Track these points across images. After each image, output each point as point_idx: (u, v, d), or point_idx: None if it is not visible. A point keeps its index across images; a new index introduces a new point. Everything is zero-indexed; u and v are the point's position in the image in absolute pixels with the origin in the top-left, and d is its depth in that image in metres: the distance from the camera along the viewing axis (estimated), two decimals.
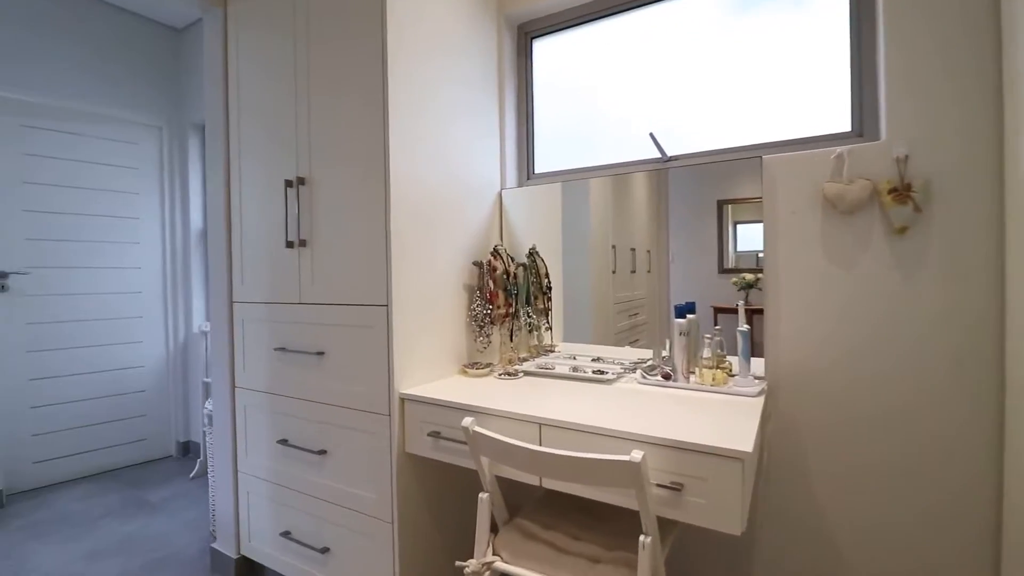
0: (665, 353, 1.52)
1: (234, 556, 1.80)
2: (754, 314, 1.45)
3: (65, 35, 2.65)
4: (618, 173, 1.73)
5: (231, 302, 1.79)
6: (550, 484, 1.13)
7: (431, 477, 1.49)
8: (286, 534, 1.63)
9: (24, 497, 2.49)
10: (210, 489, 1.98)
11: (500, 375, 1.54)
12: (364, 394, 1.43)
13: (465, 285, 1.65)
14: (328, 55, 1.48)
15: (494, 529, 1.21)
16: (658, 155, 1.67)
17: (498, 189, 1.85)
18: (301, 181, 1.54)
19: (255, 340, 1.71)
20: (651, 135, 1.66)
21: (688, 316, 1.43)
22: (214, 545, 1.88)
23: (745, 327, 1.36)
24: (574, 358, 1.71)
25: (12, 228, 2.50)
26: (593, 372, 1.50)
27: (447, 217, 1.59)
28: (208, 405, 1.89)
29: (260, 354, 1.69)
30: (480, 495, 1.17)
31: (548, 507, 1.30)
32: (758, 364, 1.43)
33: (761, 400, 1.26)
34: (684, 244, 1.64)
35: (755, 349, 1.42)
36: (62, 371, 2.69)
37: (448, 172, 1.59)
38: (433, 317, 1.52)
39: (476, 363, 1.62)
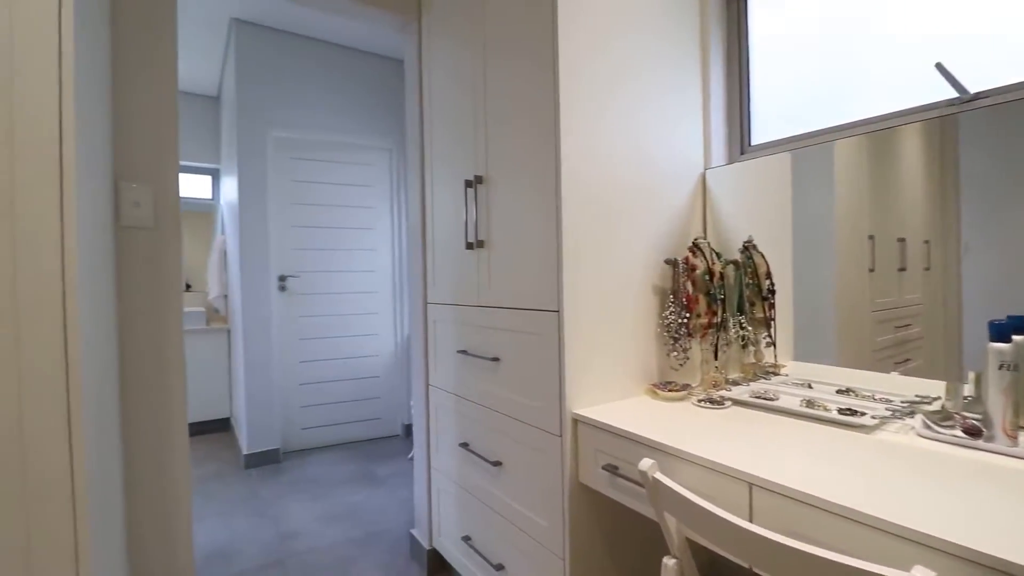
0: (968, 392, 1.00)
1: (427, 547, 1.87)
2: None
3: (319, 80, 3.22)
4: (879, 129, 1.22)
5: (425, 303, 1.86)
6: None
7: (610, 516, 1.27)
8: (467, 539, 1.61)
9: (293, 456, 3.11)
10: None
11: (699, 401, 1.23)
12: (535, 408, 1.29)
13: (655, 287, 1.38)
14: (502, 41, 1.38)
15: None
16: (949, 95, 1.13)
17: (700, 170, 1.52)
18: (479, 180, 1.48)
19: (444, 340, 1.74)
20: (939, 66, 1.13)
21: (1015, 338, 0.90)
22: (412, 531, 1.99)
23: None
24: (809, 386, 1.28)
25: (286, 240, 3.15)
26: (839, 411, 1.07)
27: (633, 208, 1.34)
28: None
29: (447, 355, 1.71)
30: (665, 560, 0.91)
31: None
32: None
33: None
34: (984, 230, 1.08)
35: None
36: (320, 356, 3.28)
37: (634, 152, 1.34)
38: (614, 325, 1.29)
39: (669, 383, 1.33)
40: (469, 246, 1.52)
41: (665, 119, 1.42)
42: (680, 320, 1.32)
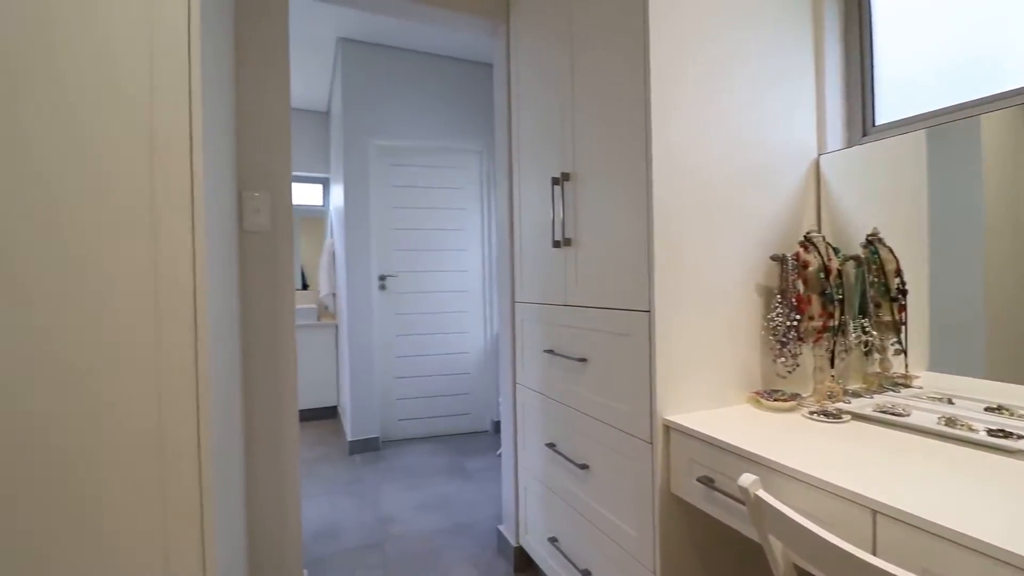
0: None
1: (513, 544, 1.88)
2: None
3: (414, 89, 3.38)
4: None
5: (513, 301, 1.88)
6: None
7: (704, 530, 1.19)
8: (553, 540, 1.59)
9: (391, 445, 3.29)
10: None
11: (811, 413, 1.11)
12: (624, 412, 1.24)
13: (759, 287, 1.27)
14: (590, 34, 1.35)
15: None
16: None
17: (813, 156, 1.37)
18: (566, 177, 1.46)
19: (531, 339, 1.74)
20: None
21: None
22: (500, 527, 2.02)
23: None
24: (949, 401, 1.10)
25: (386, 242, 3.35)
26: (989, 432, 0.91)
27: (734, 201, 1.24)
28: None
29: (534, 354, 1.71)
30: None
31: None
32: None
33: None
34: None
35: None
36: (414, 352, 3.45)
37: (735, 140, 1.25)
38: (712, 326, 1.21)
39: (775, 392, 1.22)
40: (556, 244, 1.50)
41: (772, 101, 1.30)
42: (789, 323, 1.20)
